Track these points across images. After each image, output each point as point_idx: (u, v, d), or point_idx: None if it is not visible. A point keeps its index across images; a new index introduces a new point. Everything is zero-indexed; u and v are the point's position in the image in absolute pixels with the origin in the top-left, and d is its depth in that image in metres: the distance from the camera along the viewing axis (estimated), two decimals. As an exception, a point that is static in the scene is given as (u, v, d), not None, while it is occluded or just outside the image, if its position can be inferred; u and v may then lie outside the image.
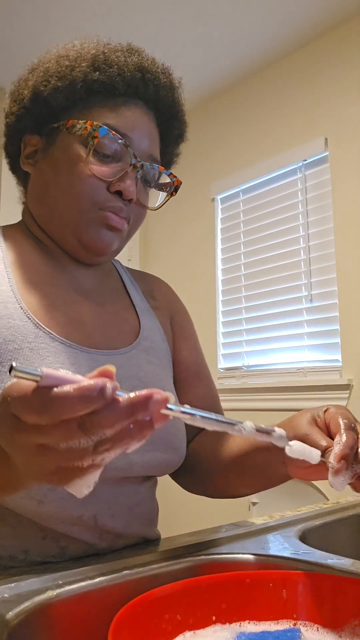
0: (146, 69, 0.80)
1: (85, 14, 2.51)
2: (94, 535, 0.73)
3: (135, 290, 0.92)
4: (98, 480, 0.70)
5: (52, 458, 0.40)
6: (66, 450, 0.40)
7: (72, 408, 0.38)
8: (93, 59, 0.77)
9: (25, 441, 0.40)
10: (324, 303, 2.54)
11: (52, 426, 0.38)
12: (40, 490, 0.67)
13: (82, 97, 0.77)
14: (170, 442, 0.80)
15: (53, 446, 0.40)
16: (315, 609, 0.57)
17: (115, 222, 0.77)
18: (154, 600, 0.54)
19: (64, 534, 0.71)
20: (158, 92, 0.81)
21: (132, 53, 0.80)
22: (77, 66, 0.77)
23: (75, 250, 0.80)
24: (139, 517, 0.78)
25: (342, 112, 2.52)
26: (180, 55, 2.78)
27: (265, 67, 2.87)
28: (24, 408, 0.39)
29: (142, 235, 3.51)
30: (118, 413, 0.38)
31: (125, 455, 0.72)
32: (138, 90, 0.79)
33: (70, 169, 0.76)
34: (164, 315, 0.94)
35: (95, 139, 0.74)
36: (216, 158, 3.12)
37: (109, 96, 0.78)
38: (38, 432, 0.39)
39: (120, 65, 0.77)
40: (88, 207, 0.76)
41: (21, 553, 0.70)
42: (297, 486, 2.30)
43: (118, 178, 0.76)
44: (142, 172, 0.79)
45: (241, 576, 0.60)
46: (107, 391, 0.38)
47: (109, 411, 0.38)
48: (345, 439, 0.60)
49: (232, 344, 2.95)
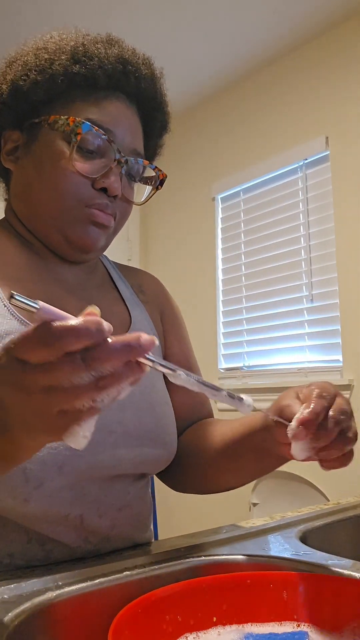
0: (127, 60, 0.78)
1: (85, 13, 2.51)
2: (79, 536, 0.72)
3: (124, 285, 0.91)
4: (86, 480, 0.70)
5: (57, 399, 0.42)
6: (70, 388, 0.41)
7: (77, 339, 0.40)
8: (73, 51, 0.75)
9: (32, 384, 0.42)
10: (324, 303, 2.53)
11: (57, 361, 0.40)
12: (26, 489, 0.66)
13: (63, 90, 0.75)
14: (160, 437, 0.79)
15: (58, 385, 0.41)
16: (316, 610, 0.57)
17: (102, 219, 0.76)
18: (154, 601, 0.54)
19: (49, 536, 0.70)
20: (140, 84, 0.79)
21: (112, 44, 0.79)
22: (56, 59, 0.75)
23: (62, 248, 0.79)
24: (127, 519, 0.77)
25: (343, 110, 2.52)
26: (180, 54, 2.78)
27: (265, 66, 2.87)
28: (31, 345, 0.41)
29: (143, 235, 3.51)
30: (115, 348, 0.41)
31: (114, 451, 0.73)
32: (119, 82, 0.77)
33: (54, 166, 0.74)
34: (154, 310, 0.93)
35: (78, 135, 0.73)
36: (216, 157, 3.12)
37: (90, 89, 0.76)
38: (44, 371, 0.41)
39: (101, 57, 0.76)
40: (73, 204, 0.75)
41: (6, 557, 0.69)
42: (297, 487, 2.29)
43: (102, 174, 0.75)
44: (126, 168, 0.78)
45: (242, 577, 0.60)
46: (105, 325, 0.41)
47: (107, 345, 0.41)
48: (312, 406, 0.60)
49: (232, 344, 2.95)
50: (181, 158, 3.29)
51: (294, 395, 0.65)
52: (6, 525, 0.69)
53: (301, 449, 0.59)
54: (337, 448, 0.61)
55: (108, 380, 0.42)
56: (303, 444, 0.59)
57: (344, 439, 0.61)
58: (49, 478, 0.67)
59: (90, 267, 0.87)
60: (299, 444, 0.59)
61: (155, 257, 3.46)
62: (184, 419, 0.90)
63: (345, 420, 0.61)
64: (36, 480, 0.67)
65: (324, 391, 0.62)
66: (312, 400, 0.61)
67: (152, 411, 0.79)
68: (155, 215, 3.45)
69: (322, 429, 0.59)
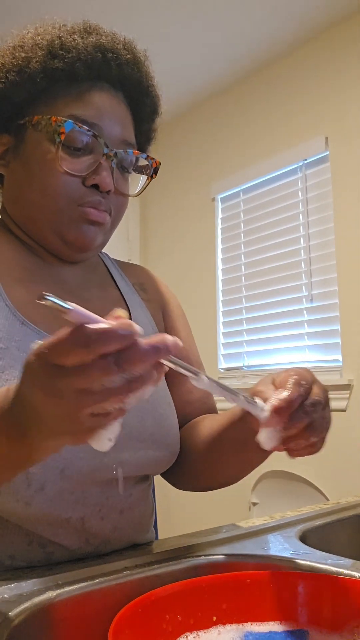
0: (106, 48, 0.76)
1: (85, 14, 2.51)
2: (80, 539, 0.72)
3: (125, 283, 0.91)
4: (88, 483, 0.70)
5: (89, 402, 0.42)
6: (102, 391, 0.42)
7: (111, 342, 0.41)
8: (49, 46, 0.74)
9: (65, 387, 0.42)
10: (324, 303, 2.53)
11: (92, 364, 0.41)
12: (28, 492, 0.66)
13: (45, 87, 0.74)
14: (162, 439, 0.78)
15: (90, 389, 0.42)
16: (316, 609, 0.57)
17: (96, 216, 0.75)
18: (154, 601, 0.54)
19: (50, 539, 0.70)
20: (122, 70, 0.77)
21: (90, 33, 0.77)
22: (33, 56, 0.73)
23: (59, 249, 0.78)
24: (129, 521, 0.77)
25: (343, 111, 2.52)
26: (179, 54, 2.78)
27: (265, 66, 2.87)
28: (67, 348, 0.41)
29: (143, 235, 3.51)
30: (145, 350, 0.42)
31: (117, 455, 0.73)
32: (101, 72, 0.75)
33: (42, 168, 0.74)
34: (155, 307, 0.92)
35: (62, 134, 0.71)
36: (216, 158, 3.12)
37: (72, 82, 0.74)
38: (79, 373, 0.41)
39: (79, 48, 0.74)
40: (66, 205, 0.74)
41: (7, 558, 0.69)
42: (297, 487, 2.29)
43: (92, 171, 0.73)
44: (117, 160, 0.76)
45: (242, 577, 0.60)
46: (136, 328, 0.41)
47: (138, 348, 0.41)
48: (286, 393, 0.57)
49: (232, 344, 2.95)
50: (181, 158, 3.29)
51: (270, 381, 0.63)
52: (7, 527, 0.69)
53: (269, 437, 0.57)
54: (304, 437, 0.59)
55: (138, 382, 0.43)
56: (272, 432, 0.57)
57: (311, 430, 0.59)
58: (50, 481, 0.67)
59: (90, 266, 0.87)
60: (267, 431, 0.57)
61: (155, 257, 3.46)
62: (186, 416, 0.89)
63: (316, 411, 0.59)
64: (38, 484, 0.66)
65: (302, 378, 0.60)
66: (287, 387, 0.58)
67: (155, 412, 0.79)
68: (155, 215, 3.45)
69: (293, 418, 0.57)
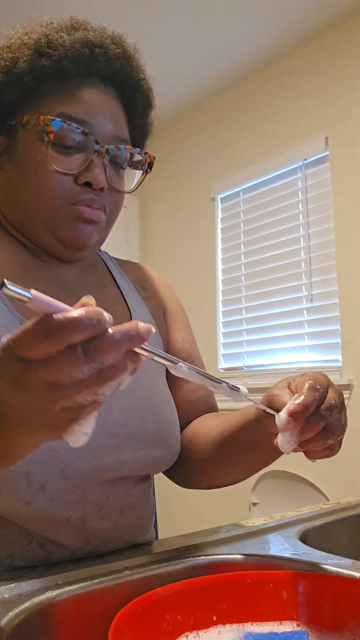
0: (94, 43, 0.75)
1: (85, 13, 2.51)
2: (80, 538, 0.72)
3: (125, 282, 0.90)
4: (88, 483, 0.70)
5: (59, 395, 0.41)
6: (71, 383, 0.40)
7: (78, 331, 0.39)
8: (36, 45, 0.73)
9: (33, 381, 0.41)
10: (324, 303, 2.53)
11: (59, 356, 0.39)
12: (28, 492, 0.66)
13: (34, 87, 0.73)
14: (163, 438, 0.78)
15: (59, 381, 0.40)
16: (316, 609, 0.57)
17: (90, 214, 0.74)
18: (154, 601, 0.54)
19: (50, 538, 0.70)
20: (111, 65, 0.76)
21: (77, 29, 0.76)
22: (20, 56, 0.73)
23: (55, 249, 0.77)
24: (129, 521, 0.77)
25: (343, 110, 2.52)
26: (180, 54, 2.78)
27: (265, 66, 2.87)
28: (31, 340, 0.39)
29: (142, 235, 3.51)
30: (115, 339, 0.40)
31: (117, 454, 0.73)
32: (90, 68, 0.74)
33: (35, 168, 0.73)
34: (156, 306, 0.92)
35: (50, 134, 0.71)
36: (216, 158, 3.12)
37: (61, 80, 0.74)
38: (46, 366, 0.40)
39: (66, 45, 0.73)
40: (59, 204, 0.73)
41: (6, 558, 0.69)
42: (297, 487, 2.29)
43: (84, 169, 0.73)
44: (109, 157, 0.75)
45: (242, 576, 0.60)
46: (106, 316, 0.40)
47: (107, 336, 0.40)
48: (302, 397, 0.58)
49: (232, 344, 2.95)
50: (181, 158, 3.29)
51: (285, 385, 0.64)
52: (7, 526, 0.69)
53: (287, 441, 0.58)
54: (321, 440, 0.59)
55: (109, 372, 0.41)
56: (290, 436, 0.58)
57: (327, 432, 0.59)
58: (51, 481, 0.67)
59: (89, 265, 0.86)
60: (285, 435, 0.58)
61: (154, 257, 3.46)
62: (187, 416, 0.89)
63: (332, 415, 0.59)
64: (38, 483, 0.66)
65: (317, 383, 0.61)
66: (303, 392, 0.59)
67: (155, 412, 0.78)
68: (155, 215, 3.45)
69: (310, 422, 0.58)
